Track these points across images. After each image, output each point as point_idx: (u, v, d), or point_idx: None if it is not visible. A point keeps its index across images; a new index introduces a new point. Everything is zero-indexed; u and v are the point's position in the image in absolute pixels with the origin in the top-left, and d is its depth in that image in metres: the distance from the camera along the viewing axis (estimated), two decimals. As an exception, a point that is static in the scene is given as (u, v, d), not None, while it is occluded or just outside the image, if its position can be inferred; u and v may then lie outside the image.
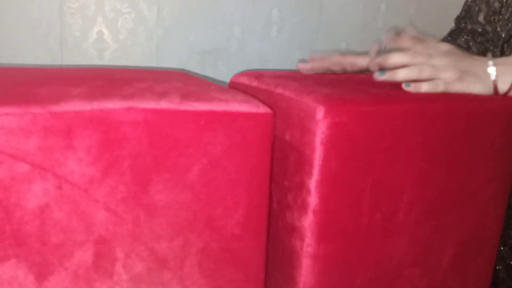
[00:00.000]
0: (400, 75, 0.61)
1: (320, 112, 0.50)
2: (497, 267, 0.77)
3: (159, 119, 0.41)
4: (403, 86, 0.60)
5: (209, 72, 0.99)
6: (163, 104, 0.42)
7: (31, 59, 0.87)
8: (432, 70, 0.60)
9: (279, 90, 0.58)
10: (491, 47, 0.87)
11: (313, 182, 0.52)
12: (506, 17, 0.83)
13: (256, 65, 1.03)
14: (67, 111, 0.39)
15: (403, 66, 0.62)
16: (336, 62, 0.72)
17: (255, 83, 0.64)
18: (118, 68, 0.77)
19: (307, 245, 0.54)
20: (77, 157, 0.39)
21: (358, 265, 0.57)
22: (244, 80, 0.67)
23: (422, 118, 0.55)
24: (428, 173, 0.58)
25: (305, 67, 0.73)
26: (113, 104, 0.40)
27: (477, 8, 0.88)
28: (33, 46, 0.87)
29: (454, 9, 0.92)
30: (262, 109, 0.46)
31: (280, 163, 0.60)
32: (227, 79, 0.73)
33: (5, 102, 0.38)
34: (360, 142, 0.53)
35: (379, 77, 0.63)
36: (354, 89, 0.59)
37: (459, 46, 0.86)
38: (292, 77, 0.67)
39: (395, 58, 0.62)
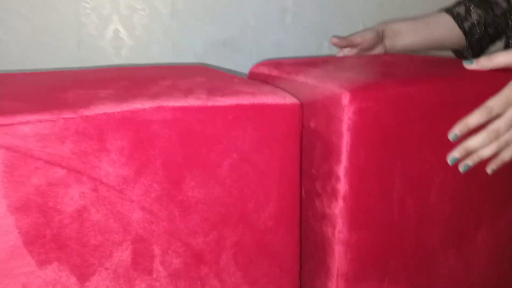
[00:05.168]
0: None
1: (345, 98, 0.49)
2: None
3: (187, 116, 0.41)
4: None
5: (226, 64, 0.98)
6: (191, 101, 0.42)
7: (51, 61, 0.87)
8: None
9: (301, 78, 0.58)
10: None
11: (341, 169, 0.52)
12: None
13: (273, 53, 1.01)
14: (98, 114, 0.39)
15: None
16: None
17: (275, 73, 0.63)
18: (138, 66, 0.77)
19: (339, 232, 0.54)
20: (110, 159, 0.40)
21: (392, 250, 0.56)
22: (264, 70, 0.66)
23: (453, 97, 0.54)
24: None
25: (339, 43, 0.78)
26: (142, 104, 0.41)
27: None
28: (52, 49, 0.87)
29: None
30: (289, 100, 0.46)
31: (306, 151, 0.59)
32: (244, 69, 0.72)
33: (38, 109, 0.38)
34: (388, 126, 0.52)
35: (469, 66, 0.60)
36: (378, 72, 0.58)
37: (458, 14, 0.82)
38: (312, 63, 0.66)
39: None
